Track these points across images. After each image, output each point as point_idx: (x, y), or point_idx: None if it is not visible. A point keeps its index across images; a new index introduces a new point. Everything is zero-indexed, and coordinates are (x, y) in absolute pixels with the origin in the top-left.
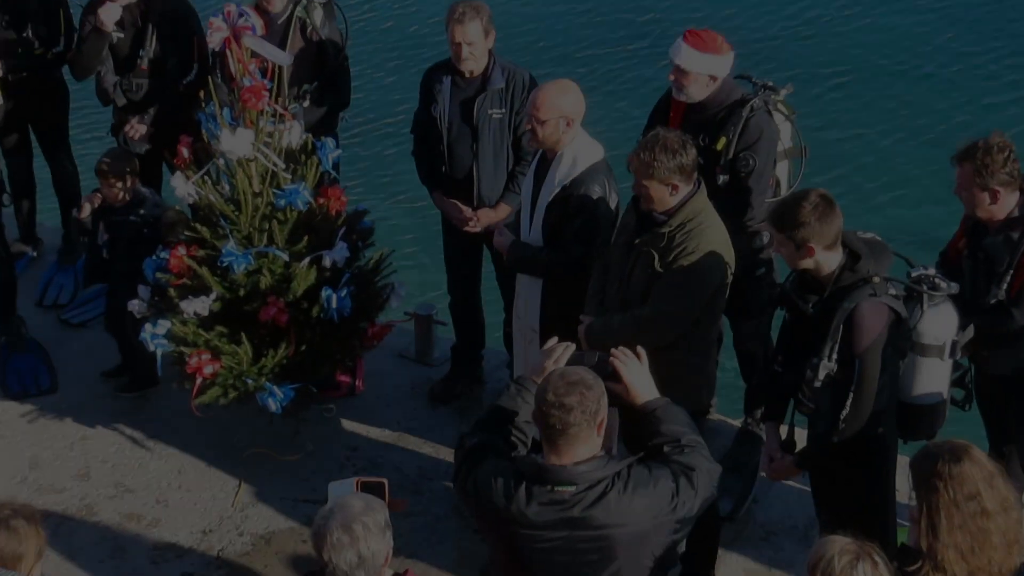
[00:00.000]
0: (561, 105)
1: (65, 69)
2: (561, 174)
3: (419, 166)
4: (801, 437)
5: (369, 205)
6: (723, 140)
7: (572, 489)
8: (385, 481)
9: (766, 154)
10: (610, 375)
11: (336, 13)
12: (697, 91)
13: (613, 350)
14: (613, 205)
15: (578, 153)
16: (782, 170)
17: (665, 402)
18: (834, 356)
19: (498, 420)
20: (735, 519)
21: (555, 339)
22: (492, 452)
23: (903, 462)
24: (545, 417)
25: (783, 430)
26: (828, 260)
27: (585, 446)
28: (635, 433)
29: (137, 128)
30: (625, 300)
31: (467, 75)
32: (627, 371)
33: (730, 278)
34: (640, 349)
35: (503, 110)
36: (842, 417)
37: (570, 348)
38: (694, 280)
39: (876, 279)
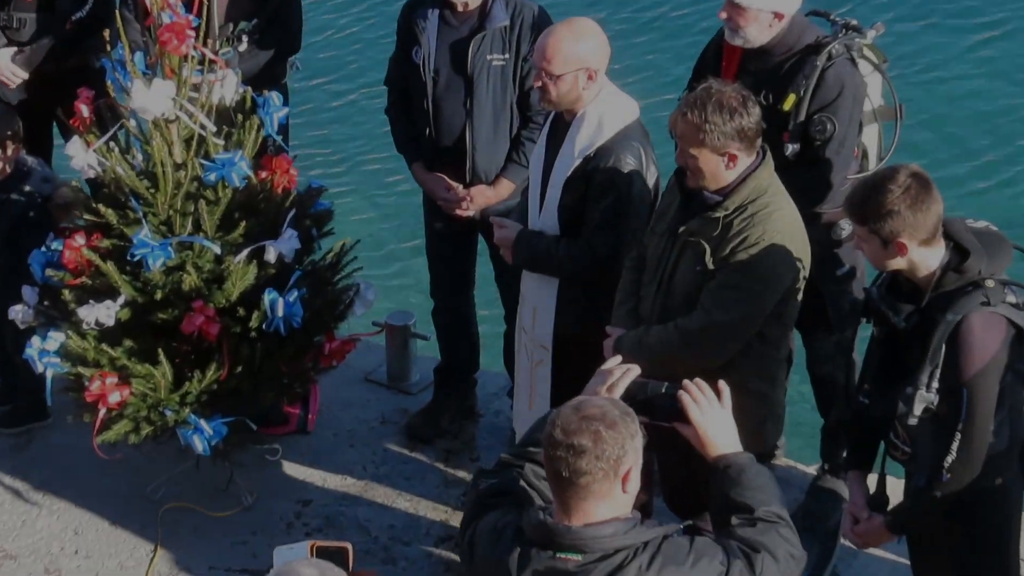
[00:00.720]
0: (579, 53)
1: None
2: (583, 141)
3: (394, 126)
4: (895, 490)
5: (327, 180)
6: (792, 97)
7: (579, 559)
8: (348, 546)
9: (849, 116)
10: (678, 413)
11: None
12: (757, 33)
13: (685, 381)
14: (651, 181)
15: (604, 113)
16: (870, 137)
17: (747, 459)
18: (935, 384)
19: (527, 458)
20: None
21: (617, 359)
22: (509, 500)
23: None
24: (551, 461)
25: (871, 481)
26: (926, 258)
27: (603, 503)
28: (692, 493)
29: (4, 70)
30: (666, 307)
31: (460, 8)
32: (698, 410)
33: (804, 279)
34: (722, 383)
35: (506, 56)
36: (947, 465)
37: (632, 372)
38: (757, 281)
39: (990, 283)
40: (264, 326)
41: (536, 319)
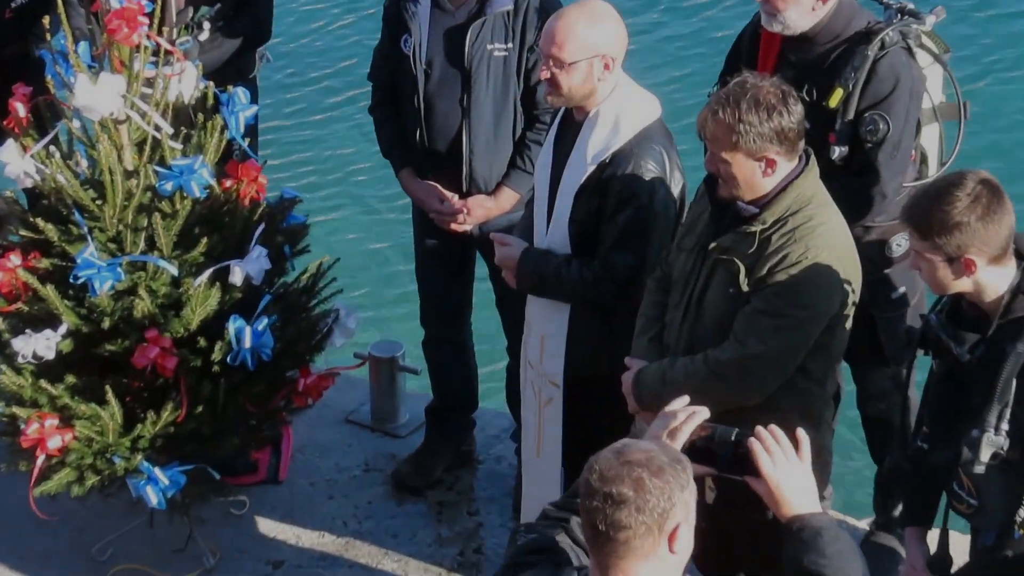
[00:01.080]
0: (594, 37)
1: None
2: (597, 144)
3: (380, 128)
4: (960, 549)
5: (302, 189)
6: (839, 92)
7: None
8: None
9: (905, 114)
10: (744, 463)
11: None
12: (799, 16)
13: (759, 429)
14: (676, 190)
15: (621, 111)
16: (929, 138)
17: (825, 521)
18: (1004, 426)
19: (573, 509)
20: None
21: (684, 399)
22: (547, 557)
23: None
24: (587, 513)
25: (931, 538)
26: (994, 280)
27: (646, 564)
28: (725, 551)
29: None
30: (694, 335)
31: None
32: (772, 463)
33: (853, 305)
34: (801, 433)
35: (508, 45)
36: (1020, 520)
37: (699, 415)
38: (799, 306)
39: None
40: (229, 359)
41: (544, 351)
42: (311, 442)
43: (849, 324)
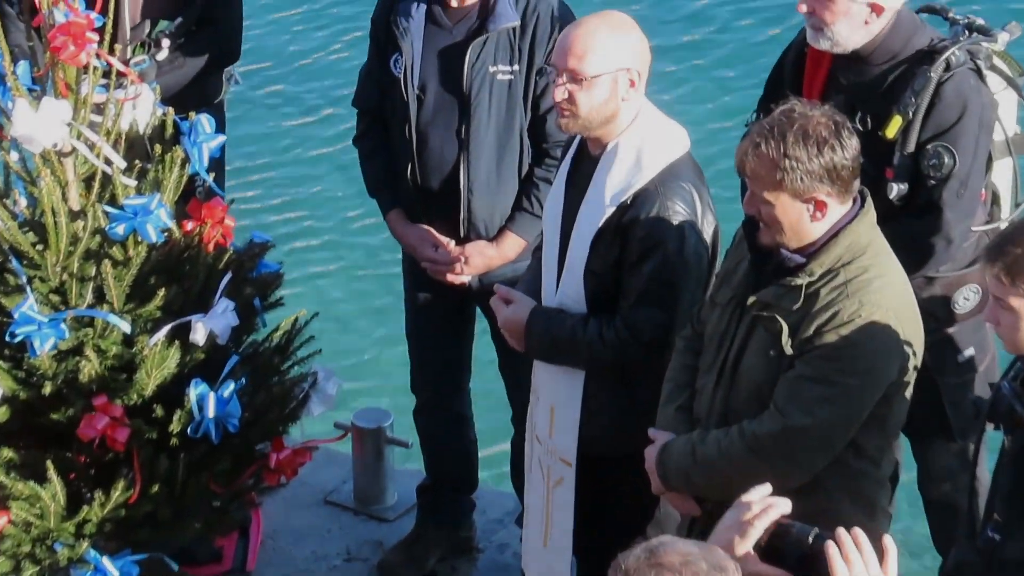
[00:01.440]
0: (618, 50)
1: None
2: (617, 182)
3: (365, 163)
4: None
5: (275, 233)
6: (898, 121)
7: None
8: None
9: (974, 146)
10: (821, 569)
11: None
12: (850, 32)
13: (840, 531)
14: (708, 234)
15: (645, 144)
16: (1002, 174)
17: None
18: None
19: None
20: None
21: (765, 488)
22: None
23: None
24: None
25: None
26: None
27: None
28: None
29: None
30: (729, 404)
31: (454, 3)
32: (847, 571)
33: (914, 370)
34: (888, 541)
35: (515, 67)
36: None
37: (778, 508)
38: (851, 372)
39: None
40: (189, 430)
41: (555, 423)
42: (284, 527)
43: (909, 393)
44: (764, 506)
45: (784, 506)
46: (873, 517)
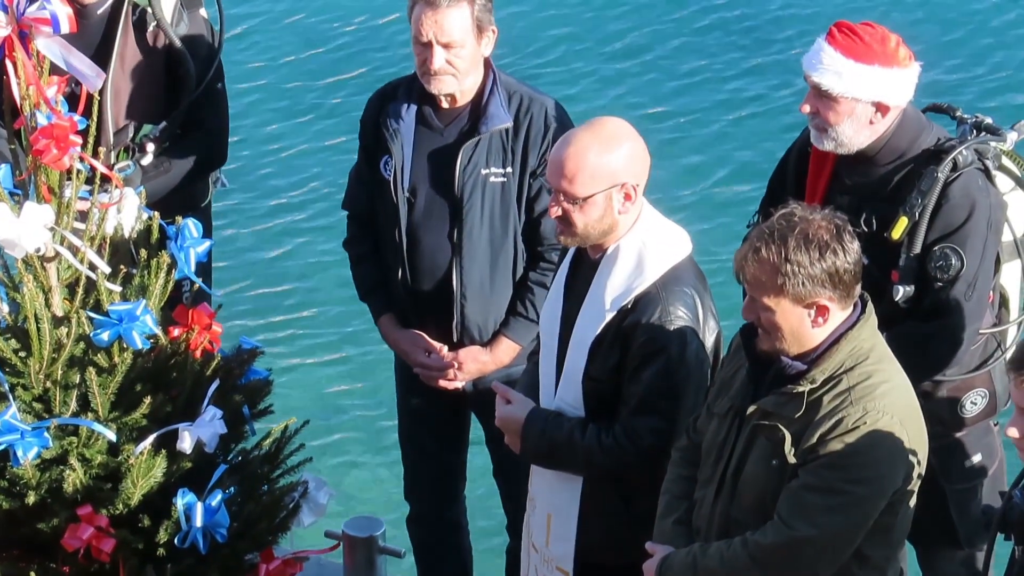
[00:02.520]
0: (612, 166)
1: None
2: (617, 286)
3: (356, 268)
4: None
5: (263, 338)
6: (904, 222)
7: None
8: None
9: (982, 247)
10: None
11: None
12: (854, 133)
13: None
14: (710, 341)
15: (646, 248)
16: (1011, 276)
17: None
18: None
19: None
20: None
21: None
22: None
23: None
24: None
25: None
26: None
27: None
28: None
29: None
30: (729, 517)
31: (444, 104)
32: None
33: (919, 478)
34: None
35: (508, 169)
36: None
37: None
38: (855, 480)
39: None
40: (176, 541)
41: (551, 532)
42: None
43: (914, 501)
44: None
45: None
46: None
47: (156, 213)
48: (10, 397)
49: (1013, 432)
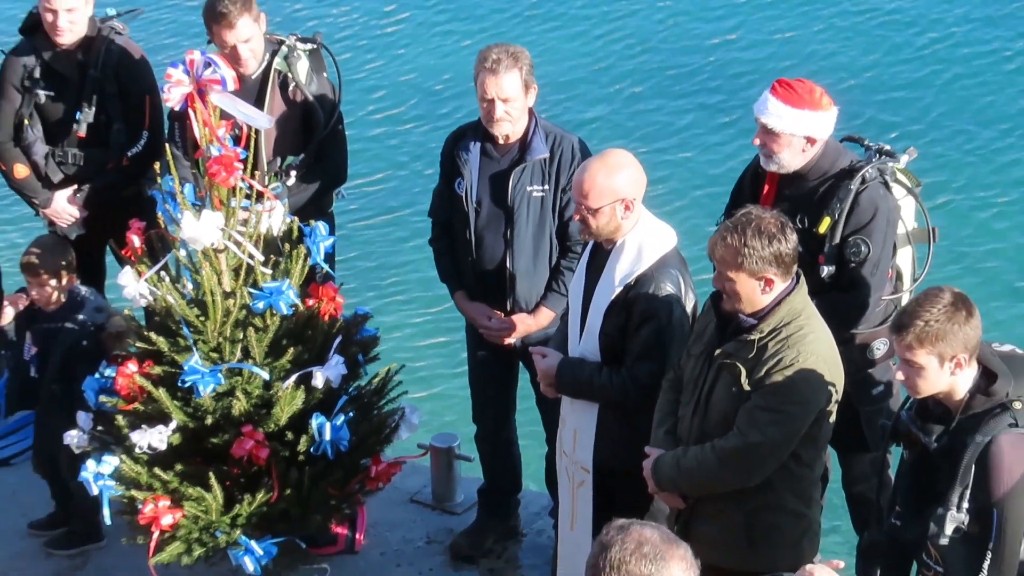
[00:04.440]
0: (615, 186)
1: None
2: (623, 269)
3: (438, 258)
4: None
5: (372, 307)
6: (827, 221)
7: None
8: None
9: (882, 238)
10: None
11: (326, 63)
12: (791, 158)
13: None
14: (690, 307)
15: (644, 241)
16: (904, 259)
17: None
18: (965, 505)
19: None
20: None
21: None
22: None
23: None
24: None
25: None
26: (964, 381)
27: None
28: None
29: (62, 213)
30: (703, 428)
31: (501, 141)
32: None
33: (836, 401)
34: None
35: (546, 187)
36: None
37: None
38: (792, 402)
39: (1018, 404)
40: (312, 450)
41: (577, 442)
42: (382, 519)
43: (833, 417)
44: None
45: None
46: (809, 507)
47: (295, 218)
48: (194, 349)
49: (899, 375)
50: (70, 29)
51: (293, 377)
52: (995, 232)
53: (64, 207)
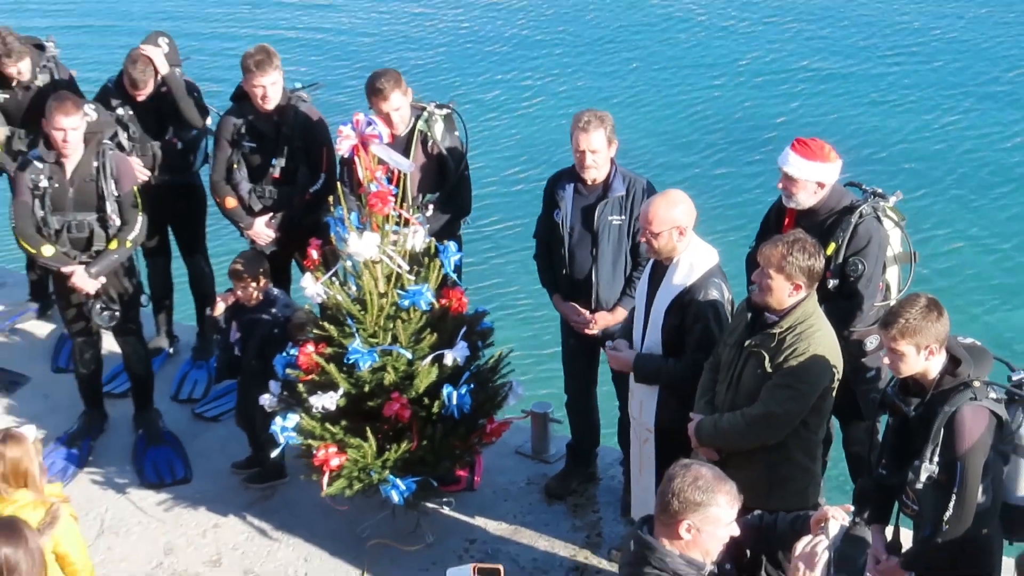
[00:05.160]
0: (672, 216)
1: (203, 171)
2: (679, 279)
3: (540, 269)
4: (907, 539)
5: (489, 307)
6: (832, 245)
7: None
8: (501, 568)
9: (875, 259)
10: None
11: (457, 123)
12: (806, 198)
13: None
14: (729, 306)
15: (695, 259)
16: (892, 275)
17: None
18: (936, 459)
19: None
20: None
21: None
22: None
23: (1008, 564)
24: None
25: (889, 532)
26: (932, 364)
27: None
28: None
29: (261, 234)
30: (734, 401)
31: (589, 183)
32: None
33: (838, 381)
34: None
35: (623, 217)
36: (945, 519)
37: (821, 543)
38: (803, 382)
39: (976, 383)
40: (443, 412)
41: (643, 409)
42: (494, 465)
43: (834, 394)
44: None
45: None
46: (814, 462)
47: (432, 239)
48: (356, 335)
49: (886, 360)
50: (272, 98)
51: (430, 357)
52: (957, 255)
53: (263, 230)
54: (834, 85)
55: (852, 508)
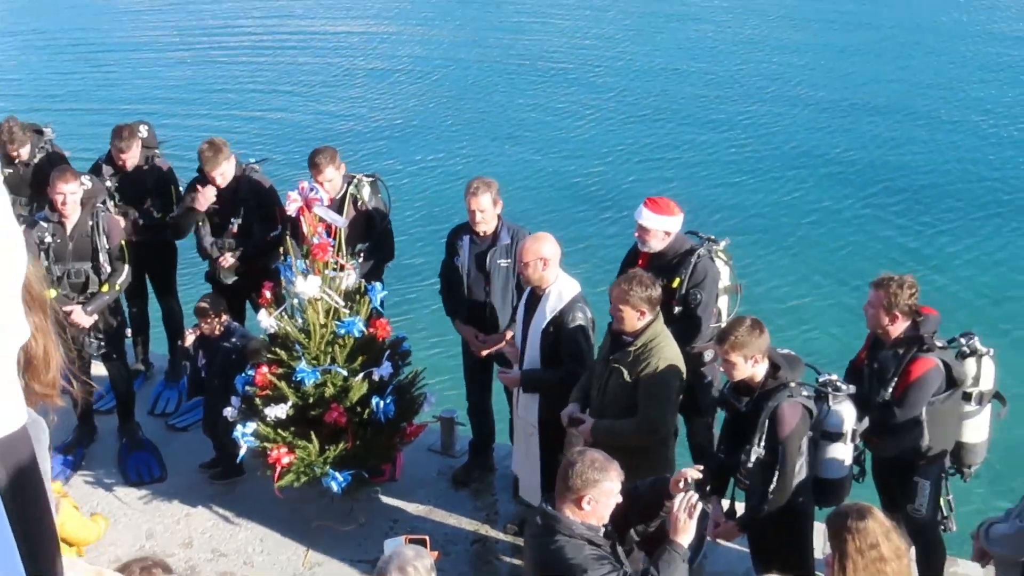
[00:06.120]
0: (537, 249)
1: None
2: (551, 305)
3: (445, 302)
4: (739, 507)
5: (407, 333)
6: (677, 280)
7: None
8: (426, 537)
9: (710, 290)
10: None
11: (380, 188)
12: (656, 243)
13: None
14: (591, 324)
15: (563, 289)
16: (723, 303)
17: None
18: (762, 444)
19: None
20: (690, 571)
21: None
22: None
23: (819, 527)
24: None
25: (726, 503)
26: (757, 370)
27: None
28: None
29: (226, 258)
30: (602, 406)
31: (481, 234)
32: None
33: (683, 386)
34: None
35: (509, 260)
36: (770, 491)
37: (693, 496)
38: (665, 388)
39: (793, 384)
40: (372, 417)
41: (527, 410)
42: (411, 460)
43: (681, 395)
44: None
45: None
46: (666, 446)
47: (362, 280)
48: (302, 358)
49: (720, 368)
50: (226, 177)
51: (361, 374)
52: (774, 286)
53: (228, 264)
54: (674, 153)
55: (702, 468)
